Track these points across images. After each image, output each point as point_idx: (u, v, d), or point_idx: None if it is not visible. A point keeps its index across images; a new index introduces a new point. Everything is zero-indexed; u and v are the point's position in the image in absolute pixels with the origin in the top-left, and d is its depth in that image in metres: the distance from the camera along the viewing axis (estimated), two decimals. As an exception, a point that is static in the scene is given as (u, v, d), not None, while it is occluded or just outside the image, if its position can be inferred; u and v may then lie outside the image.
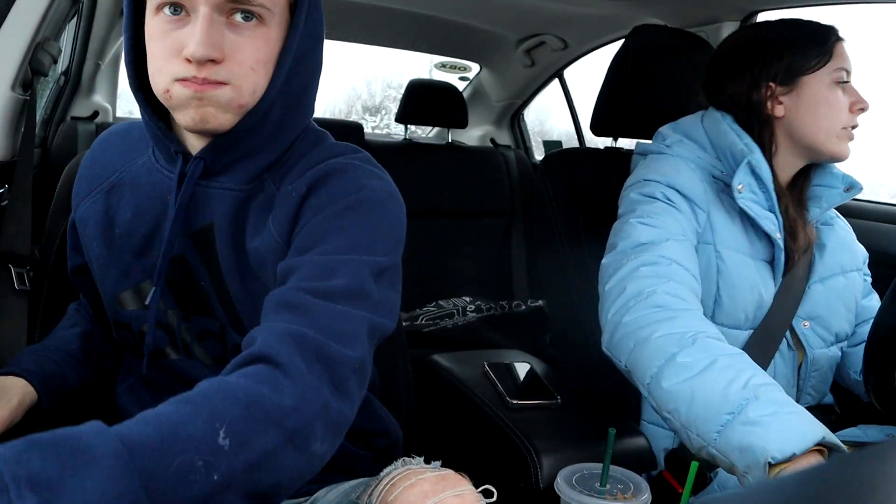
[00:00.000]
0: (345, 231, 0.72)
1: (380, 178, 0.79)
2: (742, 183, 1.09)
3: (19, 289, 1.07)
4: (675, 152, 1.18)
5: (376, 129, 6.43)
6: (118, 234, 0.83)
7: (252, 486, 0.55)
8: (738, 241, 1.11)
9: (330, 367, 0.62)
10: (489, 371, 1.18)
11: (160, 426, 0.52)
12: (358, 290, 0.69)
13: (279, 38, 0.74)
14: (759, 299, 1.10)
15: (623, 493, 0.82)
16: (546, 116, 3.99)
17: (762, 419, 0.78)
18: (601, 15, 2.07)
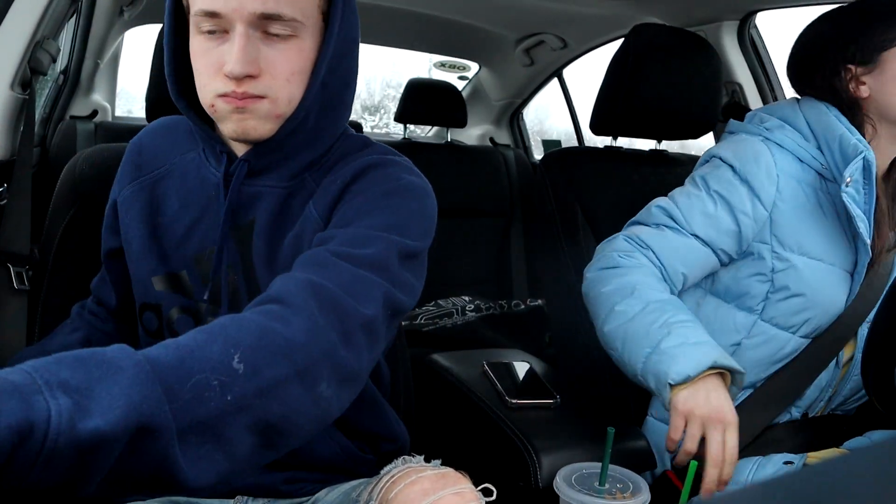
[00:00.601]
0: (381, 212, 0.76)
1: (418, 176, 0.83)
2: (851, 176, 1.03)
3: (18, 288, 1.07)
4: (775, 137, 1.11)
5: (375, 128, 6.44)
6: (163, 222, 0.87)
7: (262, 415, 0.56)
8: (812, 244, 1.06)
9: (341, 318, 0.64)
10: (488, 370, 1.18)
11: (179, 349, 0.55)
12: (382, 262, 0.71)
13: (314, 47, 0.77)
14: (828, 306, 1.05)
15: (622, 493, 0.82)
16: (545, 116, 4.00)
17: (669, 349, 0.94)
18: (600, 14, 2.07)
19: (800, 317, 1.05)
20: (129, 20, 2.28)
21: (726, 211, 1.08)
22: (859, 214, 1.02)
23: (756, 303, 1.08)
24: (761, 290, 1.07)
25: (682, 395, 0.93)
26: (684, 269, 1.09)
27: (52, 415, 0.45)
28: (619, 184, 1.43)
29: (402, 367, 1.15)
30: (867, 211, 1.04)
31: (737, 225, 1.07)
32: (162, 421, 0.49)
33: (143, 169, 0.90)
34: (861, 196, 1.03)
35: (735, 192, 1.08)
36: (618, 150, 1.53)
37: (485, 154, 2.71)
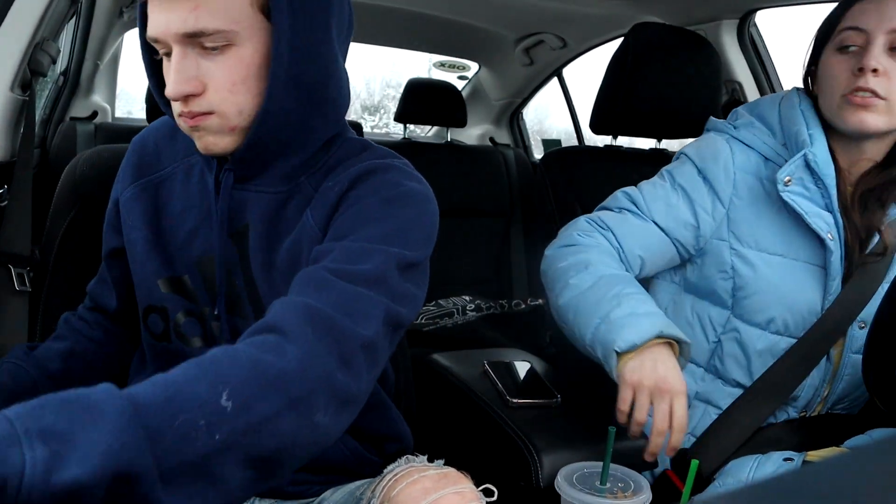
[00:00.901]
0: (379, 222, 0.74)
1: (419, 181, 0.81)
2: (790, 176, 1.03)
3: (19, 289, 1.07)
4: (740, 135, 1.12)
5: (375, 128, 6.44)
6: (166, 225, 0.86)
7: (253, 450, 0.56)
8: (771, 241, 1.06)
9: (339, 341, 0.63)
10: (489, 370, 1.18)
11: (167, 387, 0.54)
12: (381, 277, 0.70)
13: (258, 51, 0.74)
14: (796, 302, 1.03)
15: (623, 492, 0.82)
16: (545, 115, 4.00)
17: (618, 319, 0.96)
18: (600, 14, 2.07)
19: (765, 314, 1.05)
20: (129, 21, 2.28)
21: (687, 204, 1.10)
22: (813, 211, 1.02)
23: (725, 299, 1.08)
24: (726, 286, 1.08)
25: (630, 365, 0.94)
26: (641, 252, 1.11)
27: (27, 468, 0.45)
28: (619, 183, 1.43)
29: (403, 366, 1.15)
30: (828, 206, 1.02)
31: (695, 219, 1.09)
32: (142, 466, 0.49)
33: (145, 170, 0.90)
34: (815, 192, 1.03)
35: (697, 188, 1.10)
36: (618, 149, 1.53)
37: (485, 154, 2.71)
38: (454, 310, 2.21)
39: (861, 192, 1.04)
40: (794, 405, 1.06)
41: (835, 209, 1.02)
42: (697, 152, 1.14)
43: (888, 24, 0.97)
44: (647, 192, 1.14)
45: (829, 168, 1.03)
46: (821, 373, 1.05)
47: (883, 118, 0.99)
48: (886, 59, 0.98)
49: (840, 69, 1.01)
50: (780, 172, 1.03)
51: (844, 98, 1.00)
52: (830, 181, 1.02)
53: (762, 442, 1.04)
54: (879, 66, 0.97)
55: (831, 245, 1.01)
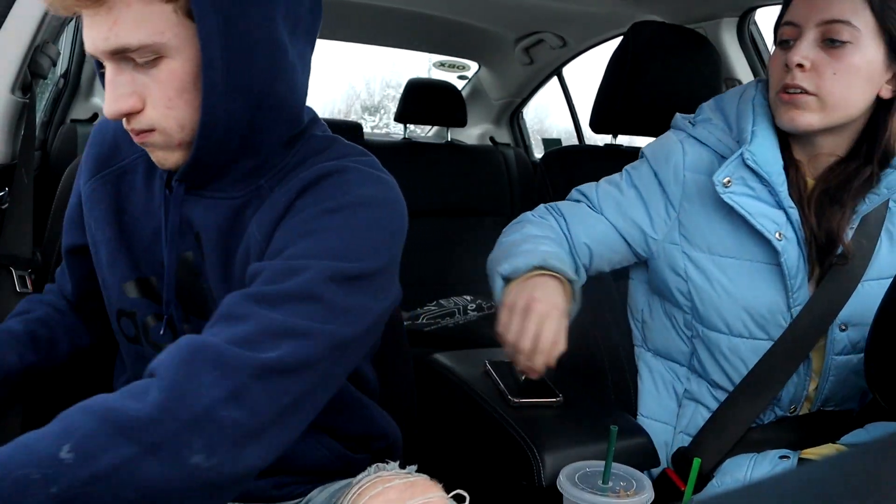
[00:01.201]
0: (315, 235, 0.70)
1: (378, 183, 0.76)
2: (729, 176, 1.00)
3: (21, 291, 1.07)
4: (696, 133, 1.10)
5: (375, 128, 6.44)
6: (130, 223, 0.82)
7: (111, 499, 0.55)
8: (722, 243, 1.02)
9: (227, 374, 0.60)
10: (490, 369, 1.18)
11: (17, 443, 0.55)
12: (306, 294, 0.66)
13: (191, 60, 0.68)
14: (753, 303, 1.01)
15: (626, 491, 0.82)
16: (545, 114, 4.00)
17: (515, 252, 1.02)
18: (600, 12, 2.07)
19: (722, 318, 1.03)
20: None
21: (640, 205, 1.09)
22: (759, 211, 0.99)
23: (683, 303, 1.07)
24: (682, 290, 1.06)
25: (510, 289, 0.97)
26: (588, 241, 1.10)
27: None
28: (620, 182, 1.43)
29: (404, 367, 1.15)
30: (778, 203, 0.99)
31: (649, 221, 1.08)
32: None
33: (104, 162, 0.85)
34: (762, 190, 1.00)
35: (650, 189, 1.09)
36: (618, 148, 1.53)
37: (485, 153, 2.71)
38: (455, 310, 2.21)
39: (819, 192, 1.00)
40: (779, 406, 1.05)
41: (786, 206, 0.99)
42: (653, 152, 1.12)
43: (817, 16, 0.95)
44: (603, 189, 1.14)
45: (773, 165, 0.99)
46: (800, 376, 1.02)
47: (815, 116, 0.97)
48: (817, 53, 0.95)
49: (775, 64, 1.00)
50: (717, 174, 1.00)
51: (778, 95, 0.99)
52: (777, 178, 0.99)
53: (757, 441, 1.04)
54: (805, 62, 0.95)
55: (779, 245, 0.97)
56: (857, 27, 0.93)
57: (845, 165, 1.00)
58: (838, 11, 0.93)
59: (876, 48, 0.94)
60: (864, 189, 0.99)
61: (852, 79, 0.94)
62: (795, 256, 0.99)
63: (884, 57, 0.95)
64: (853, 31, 0.93)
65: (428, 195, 2.50)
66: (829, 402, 1.07)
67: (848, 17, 0.93)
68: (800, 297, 1.00)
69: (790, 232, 0.99)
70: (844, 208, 0.99)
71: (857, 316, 1.00)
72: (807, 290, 1.00)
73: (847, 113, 0.97)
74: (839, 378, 1.04)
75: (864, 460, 0.22)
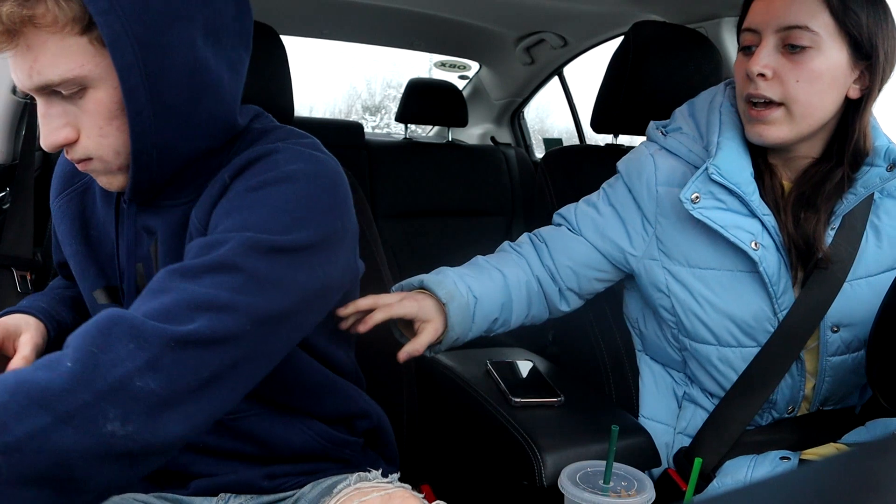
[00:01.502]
0: (240, 211, 0.71)
1: (309, 160, 0.75)
2: (697, 192, 0.98)
3: (22, 291, 1.07)
4: (668, 144, 1.08)
5: (376, 128, 6.44)
6: (94, 235, 0.85)
7: (23, 469, 0.55)
8: (700, 255, 1.01)
9: (142, 346, 0.60)
10: (492, 369, 1.18)
11: None
12: (227, 264, 0.66)
13: (116, 88, 0.69)
14: (748, 314, 0.99)
15: (627, 491, 0.82)
16: (546, 114, 4.00)
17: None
18: (600, 12, 2.07)
19: (709, 330, 1.02)
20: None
21: (619, 224, 1.08)
22: (732, 222, 0.97)
23: (668, 318, 1.07)
24: (666, 305, 1.06)
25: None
26: (570, 264, 1.10)
27: None
28: (621, 181, 1.43)
29: (405, 367, 1.15)
30: (752, 212, 0.97)
31: (628, 239, 1.07)
32: None
33: (69, 179, 0.88)
34: (733, 201, 0.98)
35: (627, 207, 1.08)
36: (619, 148, 1.53)
37: (486, 153, 2.71)
38: (456, 309, 2.21)
39: (795, 196, 0.99)
40: (775, 409, 1.05)
41: (760, 214, 0.97)
42: (626, 168, 1.11)
43: (776, 22, 0.93)
44: (581, 210, 1.13)
45: (740, 175, 0.98)
46: (794, 378, 1.01)
47: (783, 129, 0.95)
48: (778, 60, 0.93)
49: (739, 72, 0.98)
50: (684, 191, 0.98)
51: (746, 109, 0.97)
52: (746, 187, 0.97)
53: (758, 442, 1.04)
54: (767, 71, 0.93)
55: (755, 255, 0.96)
56: (816, 32, 0.91)
57: (819, 167, 0.99)
58: (796, 17, 0.92)
59: (838, 50, 0.92)
60: (837, 191, 0.98)
61: (816, 84, 0.93)
62: (775, 262, 0.97)
63: (847, 58, 0.93)
64: (813, 36, 0.91)
65: (429, 195, 2.50)
66: (828, 401, 1.06)
67: (806, 22, 0.91)
68: (785, 302, 0.98)
69: (767, 239, 0.97)
70: (819, 212, 0.97)
71: (848, 316, 0.99)
72: (791, 294, 0.99)
73: (816, 119, 0.95)
74: (836, 378, 1.03)
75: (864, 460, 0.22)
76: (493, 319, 1.06)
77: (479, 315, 1.03)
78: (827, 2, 0.91)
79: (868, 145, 0.97)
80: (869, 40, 0.92)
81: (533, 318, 1.14)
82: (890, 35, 0.94)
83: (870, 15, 0.92)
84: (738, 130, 1.01)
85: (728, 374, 1.04)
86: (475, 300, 1.03)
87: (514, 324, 1.11)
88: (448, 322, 0.99)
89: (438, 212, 2.52)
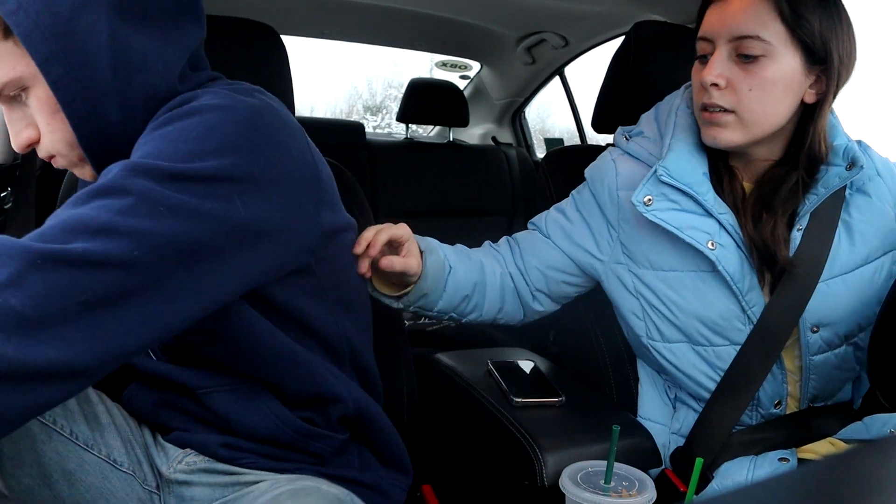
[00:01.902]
0: (143, 146, 0.69)
1: (226, 97, 0.72)
2: (650, 195, 0.98)
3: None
4: (629, 148, 1.09)
5: (377, 128, 6.44)
6: None
7: None
8: (662, 257, 1.01)
9: (5, 263, 0.59)
10: (493, 369, 1.18)
11: None
12: (114, 187, 0.63)
13: (45, 82, 0.70)
14: (715, 313, 0.98)
15: (628, 491, 0.82)
16: (547, 114, 4.00)
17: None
18: (601, 12, 2.07)
19: (680, 330, 1.02)
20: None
21: (586, 230, 1.09)
22: (687, 223, 0.97)
23: (639, 323, 1.07)
24: (638, 307, 1.06)
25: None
26: (539, 266, 1.11)
27: None
28: (622, 181, 1.43)
29: (406, 367, 1.15)
30: (710, 211, 0.97)
31: (595, 245, 1.08)
32: None
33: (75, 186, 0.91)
34: (688, 202, 0.98)
35: (592, 213, 1.09)
36: (620, 148, 1.53)
37: (487, 153, 2.71)
38: (457, 309, 2.21)
39: (755, 198, 0.99)
40: (760, 407, 1.04)
41: (716, 213, 0.97)
42: (591, 175, 1.12)
43: (728, 32, 0.93)
44: (551, 216, 1.15)
45: (691, 175, 0.98)
46: (776, 377, 1.01)
47: (736, 133, 0.95)
48: (731, 69, 0.93)
49: (695, 79, 0.98)
50: (636, 194, 0.98)
51: (699, 112, 0.98)
52: (699, 186, 0.97)
53: (751, 441, 1.03)
54: (720, 81, 0.93)
55: (712, 255, 0.95)
56: (768, 41, 0.91)
57: (777, 170, 0.99)
58: (747, 27, 0.91)
59: (791, 57, 0.92)
60: (793, 194, 0.97)
61: (769, 92, 0.92)
62: (736, 261, 0.97)
63: (801, 64, 0.93)
64: (765, 45, 0.91)
65: (430, 195, 2.51)
66: (818, 398, 1.05)
67: (757, 32, 0.91)
68: (753, 300, 0.98)
69: (725, 238, 0.97)
70: (777, 215, 0.97)
71: (827, 316, 0.98)
72: (759, 291, 0.98)
73: (769, 126, 0.95)
74: (822, 376, 1.02)
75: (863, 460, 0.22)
76: (465, 296, 1.08)
77: (452, 284, 1.05)
78: (778, 10, 0.91)
79: (825, 148, 0.97)
80: (823, 46, 0.92)
81: (506, 313, 1.15)
82: (845, 39, 0.93)
83: (823, 20, 0.91)
84: (692, 132, 1.02)
85: (708, 373, 1.03)
86: (450, 268, 1.05)
87: (486, 313, 1.13)
88: (423, 271, 1.00)
89: (439, 212, 2.52)
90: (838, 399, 1.08)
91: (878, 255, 1.00)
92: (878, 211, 1.00)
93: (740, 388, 1.01)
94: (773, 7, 0.91)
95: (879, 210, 1.00)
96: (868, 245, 0.99)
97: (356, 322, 0.93)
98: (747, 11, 0.92)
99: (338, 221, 0.86)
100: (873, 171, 1.02)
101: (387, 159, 2.51)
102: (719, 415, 1.02)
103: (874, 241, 0.99)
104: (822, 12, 0.91)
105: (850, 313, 0.99)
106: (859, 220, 1.00)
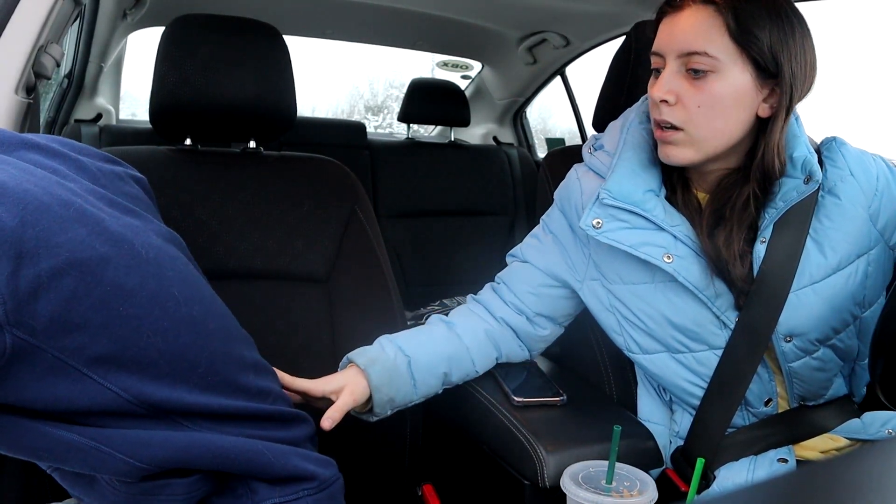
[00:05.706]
0: None
1: None
2: (598, 218, 0.98)
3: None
4: (591, 163, 1.09)
5: (379, 128, 6.43)
6: None
7: None
8: (632, 271, 1.01)
9: None
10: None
11: None
12: None
13: None
14: (689, 320, 0.98)
15: (629, 491, 0.82)
16: (548, 114, 3.99)
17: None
18: (603, 12, 2.07)
19: (658, 341, 1.02)
20: (133, 23, 2.28)
21: (560, 250, 1.10)
22: (640, 241, 0.96)
23: (619, 338, 1.07)
24: (615, 322, 1.06)
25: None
26: (530, 290, 1.12)
27: None
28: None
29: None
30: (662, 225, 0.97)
31: (570, 264, 1.09)
32: None
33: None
34: (638, 219, 0.97)
35: (564, 232, 1.10)
36: (621, 148, 1.53)
37: (488, 153, 2.71)
38: (459, 309, 2.21)
39: (710, 210, 0.98)
40: (749, 406, 1.04)
41: (668, 227, 0.97)
42: (559, 195, 1.13)
43: (677, 47, 0.92)
44: (526, 244, 1.16)
45: (634, 194, 0.97)
46: (762, 378, 1.01)
47: (688, 151, 0.94)
48: (681, 84, 0.92)
49: (650, 94, 0.97)
50: (583, 220, 0.98)
51: (654, 129, 0.97)
52: (645, 204, 0.97)
53: (747, 440, 1.03)
54: (670, 97, 0.92)
55: (669, 268, 0.95)
56: (715, 56, 0.89)
57: (730, 181, 0.98)
58: (695, 42, 0.90)
59: (741, 72, 0.90)
60: (746, 207, 0.96)
61: (718, 109, 0.91)
62: (696, 270, 0.96)
63: (752, 79, 0.91)
64: (713, 61, 0.90)
65: (431, 195, 2.51)
66: (807, 399, 1.05)
67: (705, 48, 0.89)
68: (724, 305, 0.97)
69: (682, 249, 0.96)
70: (730, 228, 0.96)
71: (798, 326, 0.97)
72: (730, 297, 0.98)
73: (720, 142, 0.94)
74: (804, 378, 1.01)
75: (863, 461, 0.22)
76: (443, 373, 1.07)
77: (419, 372, 1.04)
78: (726, 25, 0.90)
79: (780, 162, 0.95)
80: (773, 60, 0.90)
81: (509, 357, 1.16)
82: (798, 52, 0.91)
83: (773, 35, 0.90)
84: (639, 149, 1.01)
85: (691, 380, 1.03)
86: (407, 358, 1.04)
87: (482, 369, 1.13)
88: (371, 385, 0.99)
89: (441, 212, 2.52)
90: (833, 394, 1.07)
91: (851, 260, 0.97)
92: (849, 215, 0.97)
93: (729, 391, 1.01)
94: (721, 23, 0.90)
95: (850, 214, 0.97)
96: (839, 253, 0.97)
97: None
98: (695, 27, 0.91)
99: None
100: (846, 172, 0.99)
101: (388, 159, 2.51)
102: (713, 417, 1.02)
103: (845, 247, 0.97)
104: (773, 27, 0.90)
105: (823, 321, 0.97)
106: (830, 228, 0.97)
